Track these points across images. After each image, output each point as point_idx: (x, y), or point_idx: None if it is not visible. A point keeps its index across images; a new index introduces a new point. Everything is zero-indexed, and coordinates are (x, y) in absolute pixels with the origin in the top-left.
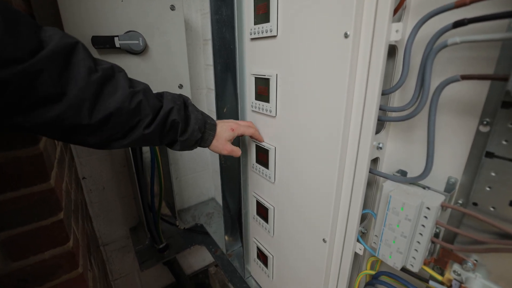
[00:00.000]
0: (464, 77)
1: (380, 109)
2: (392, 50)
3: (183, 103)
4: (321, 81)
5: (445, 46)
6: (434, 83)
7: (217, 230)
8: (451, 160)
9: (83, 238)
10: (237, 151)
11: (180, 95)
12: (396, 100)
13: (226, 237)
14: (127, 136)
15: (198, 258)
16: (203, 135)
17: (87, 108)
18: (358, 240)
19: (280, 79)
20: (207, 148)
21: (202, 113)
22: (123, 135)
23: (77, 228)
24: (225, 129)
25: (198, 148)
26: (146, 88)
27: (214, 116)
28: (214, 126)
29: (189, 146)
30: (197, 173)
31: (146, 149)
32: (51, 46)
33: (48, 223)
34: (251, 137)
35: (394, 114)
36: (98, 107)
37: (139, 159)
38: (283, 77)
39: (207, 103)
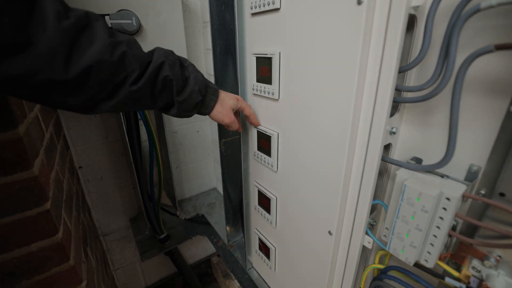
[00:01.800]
0: (500, 47)
1: (395, 89)
2: (410, 22)
3: (178, 61)
4: (329, 57)
5: (477, 11)
6: (459, 58)
7: (218, 220)
8: (474, 146)
9: (77, 229)
10: (237, 124)
11: (175, 54)
12: (413, 79)
13: (228, 228)
14: (114, 96)
15: (200, 248)
16: (203, 98)
17: (61, 61)
18: (366, 233)
19: (284, 58)
20: (207, 116)
21: (203, 76)
22: (108, 95)
23: (70, 219)
24: (229, 97)
25: (199, 137)
26: (132, 40)
27: None
28: (216, 91)
29: (188, 110)
30: (198, 162)
31: (144, 137)
32: None
33: (33, 214)
34: (247, 117)
35: (410, 95)
36: (74, 60)
37: (137, 147)
38: (287, 55)
39: None
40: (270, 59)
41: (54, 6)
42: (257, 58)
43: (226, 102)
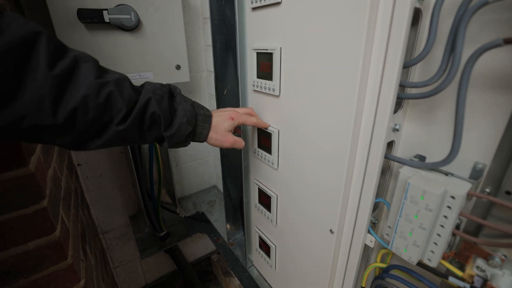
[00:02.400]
0: (508, 41)
1: (399, 85)
2: (415, 16)
3: (168, 93)
4: (331, 52)
5: (485, 3)
6: (464, 53)
7: (218, 218)
8: (479, 144)
9: (75, 227)
10: (240, 142)
11: (165, 85)
12: (417, 75)
13: (228, 226)
14: (101, 135)
15: (200, 246)
16: (194, 128)
17: (48, 106)
18: (368, 231)
19: (285, 53)
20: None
21: (193, 104)
22: (96, 134)
23: (68, 216)
24: (223, 119)
25: None
26: (120, 78)
27: (213, 102)
28: (208, 118)
29: (180, 142)
30: (198, 160)
31: None
32: (7, 37)
33: (29, 212)
34: (254, 126)
35: (414, 91)
36: (61, 104)
37: (137, 145)
38: (288, 50)
39: (207, 87)
40: (271, 54)
41: (47, 53)
42: (257, 53)
43: (220, 126)
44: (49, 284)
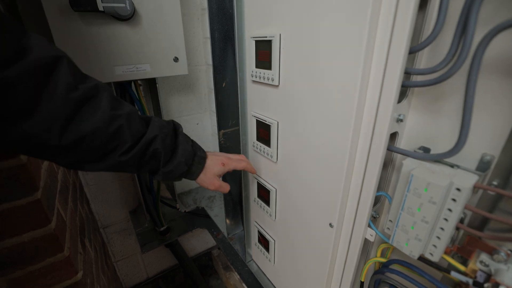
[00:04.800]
0: None
1: (404, 72)
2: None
3: (172, 131)
4: (333, 37)
5: None
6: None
7: (218, 213)
8: (487, 134)
9: (73, 220)
10: (225, 187)
11: (171, 122)
12: (423, 62)
13: (227, 221)
14: (101, 161)
15: (201, 241)
16: (189, 168)
17: (57, 128)
18: (369, 225)
19: (284, 40)
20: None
21: (193, 144)
22: (96, 160)
23: (65, 210)
24: (215, 163)
25: (198, 129)
26: (131, 112)
27: (212, 97)
28: (203, 159)
29: (174, 178)
30: None
31: None
32: (32, 57)
33: (23, 203)
34: (244, 170)
35: (420, 78)
36: (71, 128)
37: None
38: (288, 36)
39: (206, 81)
40: (270, 42)
41: (67, 79)
42: (256, 42)
43: (210, 170)
44: (46, 276)
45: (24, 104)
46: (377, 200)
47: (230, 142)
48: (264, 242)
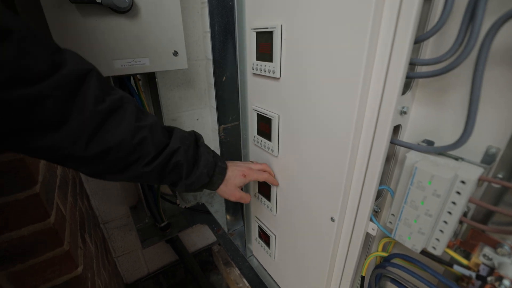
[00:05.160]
0: None
1: (409, 63)
2: None
3: (194, 142)
4: (335, 27)
5: None
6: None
7: (218, 209)
8: (492, 126)
9: (73, 215)
10: (246, 198)
11: (192, 133)
12: (428, 52)
13: (228, 216)
14: (124, 172)
15: (201, 237)
16: (211, 179)
17: (84, 140)
18: (371, 219)
19: (286, 30)
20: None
21: (214, 155)
22: (120, 170)
23: (64, 204)
24: (236, 174)
25: (199, 124)
26: (154, 123)
27: (212, 92)
28: (224, 170)
29: (195, 189)
30: None
31: None
32: (64, 71)
33: (21, 197)
34: (265, 181)
35: (425, 69)
36: (96, 140)
37: None
38: (289, 27)
39: (206, 76)
40: (271, 33)
41: (95, 92)
42: (257, 33)
43: (231, 181)
44: (46, 270)
45: (54, 118)
46: (379, 194)
47: (231, 137)
48: (264, 237)
